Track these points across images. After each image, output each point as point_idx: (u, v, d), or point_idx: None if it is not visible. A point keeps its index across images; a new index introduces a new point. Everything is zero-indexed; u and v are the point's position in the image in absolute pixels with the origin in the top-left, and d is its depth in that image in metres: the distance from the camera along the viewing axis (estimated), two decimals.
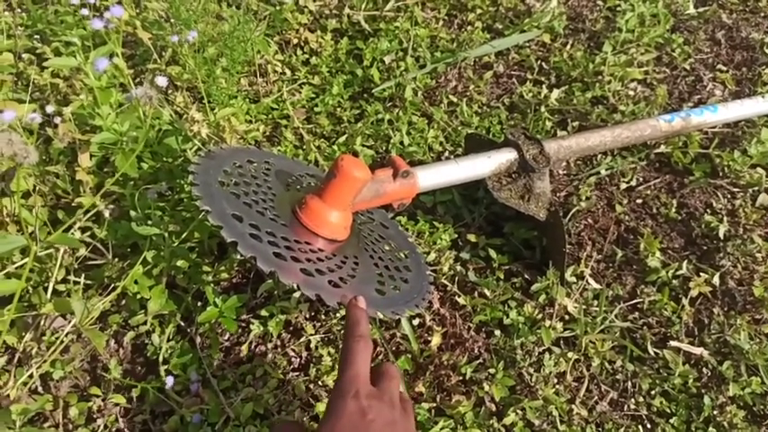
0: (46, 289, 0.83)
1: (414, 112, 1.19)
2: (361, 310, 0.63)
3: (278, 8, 1.29)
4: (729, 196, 1.05)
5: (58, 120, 0.92)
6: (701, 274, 0.94)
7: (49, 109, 0.90)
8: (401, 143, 1.13)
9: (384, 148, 1.13)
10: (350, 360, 0.57)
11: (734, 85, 1.24)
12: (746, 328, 0.87)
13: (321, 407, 0.80)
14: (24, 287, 0.83)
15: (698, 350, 0.86)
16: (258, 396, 0.82)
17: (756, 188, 1.04)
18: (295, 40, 1.31)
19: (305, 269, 0.67)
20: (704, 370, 0.85)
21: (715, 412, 0.81)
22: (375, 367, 0.61)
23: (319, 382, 0.84)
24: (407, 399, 0.61)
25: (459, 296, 0.92)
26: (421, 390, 0.83)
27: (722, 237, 0.97)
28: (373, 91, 1.22)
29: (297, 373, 0.85)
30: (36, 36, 1.22)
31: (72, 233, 0.89)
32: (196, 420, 0.79)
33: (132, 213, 0.85)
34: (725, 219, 1.00)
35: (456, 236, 0.99)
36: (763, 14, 1.40)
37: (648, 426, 0.81)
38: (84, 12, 0.99)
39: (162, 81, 0.84)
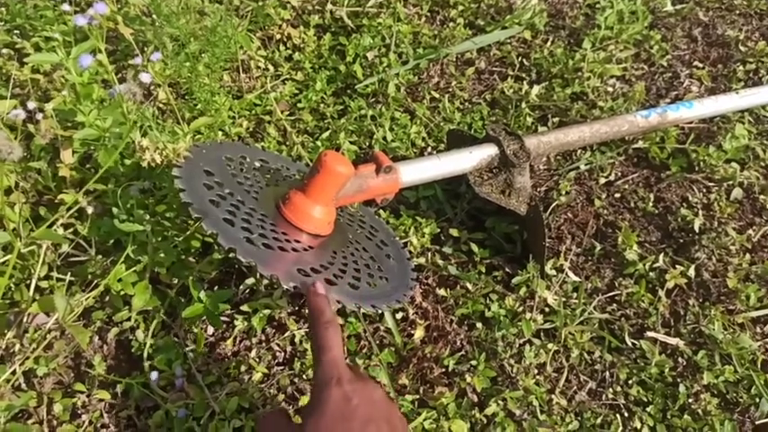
0: (29, 286, 0.83)
1: (396, 107, 1.20)
2: (322, 296, 0.63)
3: (260, 4, 1.29)
4: (705, 190, 1.07)
5: (39, 116, 0.91)
6: (677, 266, 0.96)
7: (30, 105, 0.90)
8: (384, 139, 1.14)
9: (367, 144, 1.14)
10: (324, 347, 0.58)
11: (710, 82, 1.27)
12: (720, 318, 0.89)
13: (306, 400, 0.81)
14: (7, 284, 0.83)
15: (674, 340, 0.89)
16: (243, 390, 0.82)
17: (731, 182, 1.07)
18: (278, 36, 1.31)
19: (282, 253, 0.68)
20: (680, 359, 0.88)
21: (690, 400, 0.83)
22: None
23: (304, 376, 0.85)
24: None
25: (442, 289, 0.94)
26: (404, 382, 0.84)
27: (697, 230, 1.00)
28: (356, 87, 1.22)
29: (281, 367, 0.86)
30: (15, 31, 1.20)
31: (55, 229, 0.89)
32: (181, 415, 0.80)
33: (115, 210, 0.85)
34: (700, 212, 1.02)
35: (439, 230, 1.01)
36: (738, 12, 1.43)
37: (626, 414, 0.83)
38: (66, 7, 0.99)
39: (146, 77, 0.84)
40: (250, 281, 0.90)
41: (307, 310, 0.91)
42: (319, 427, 0.52)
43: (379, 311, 0.78)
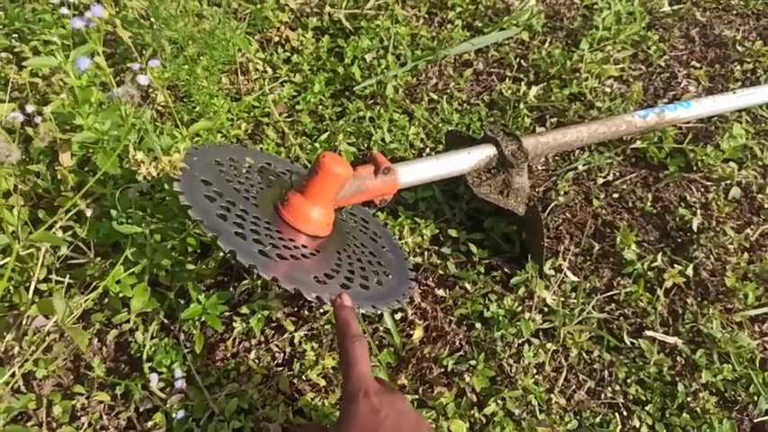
0: (28, 288, 0.82)
1: (395, 109, 1.20)
2: (349, 309, 0.64)
3: (258, 6, 1.29)
4: (703, 190, 1.08)
5: (38, 119, 0.91)
6: (676, 265, 0.96)
7: (29, 108, 0.90)
8: (382, 140, 1.14)
9: (366, 146, 1.15)
10: (351, 361, 0.59)
11: (707, 82, 1.27)
12: (719, 317, 0.90)
13: (305, 401, 0.81)
14: (6, 286, 0.83)
15: (672, 339, 0.89)
16: (242, 391, 0.82)
17: (728, 182, 1.07)
18: (276, 39, 1.32)
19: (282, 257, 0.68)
20: (678, 358, 0.88)
21: (688, 399, 0.83)
22: None
23: (303, 377, 0.85)
24: None
25: (441, 290, 0.94)
26: (403, 382, 0.84)
27: (696, 229, 1.00)
28: (354, 89, 1.23)
29: (281, 369, 0.86)
30: (14, 35, 1.21)
31: (53, 232, 0.89)
32: (181, 416, 0.80)
33: (113, 212, 0.85)
34: (698, 212, 1.03)
35: (437, 231, 1.01)
36: (735, 12, 1.43)
37: (625, 413, 0.83)
38: (64, 10, 0.99)
39: (143, 80, 0.84)
40: (246, 283, 0.90)
41: (305, 310, 0.91)
42: None
43: (379, 312, 0.78)
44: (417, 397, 0.83)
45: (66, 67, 0.92)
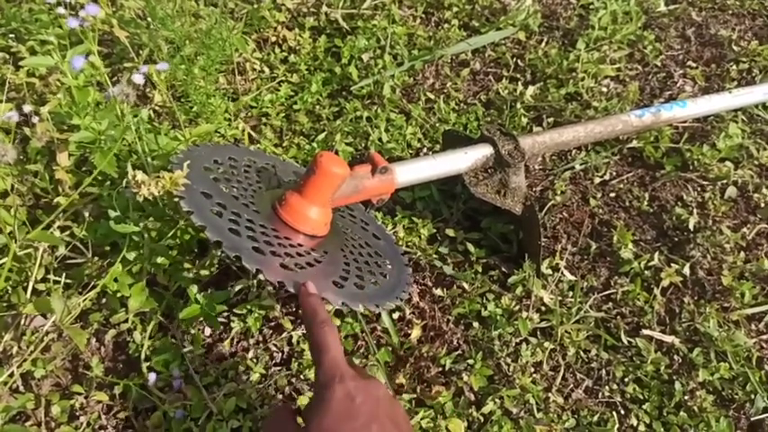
0: (26, 288, 0.83)
1: (392, 109, 1.20)
2: (314, 296, 0.63)
3: (255, 6, 1.29)
4: (699, 189, 1.08)
5: (35, 119, 0.91)
6: (672, 264, 0.97)
7: (26, 108, 0.90)
8: (380, 140, 1.14)
9: (363, 145, 1.15)
10: (323, 347, 0.57)
11: (703, 81, 1.28)
12: (715, 316, 0.90)
13: (304, 400, 0.82)
14: (4, 287, 0.83)
15: (669, 338, 0.89)
16: (241, 391, 0.82)
17: (725, 181, 1.07)
18: (273, 39, 1.32)
19: (285, 265, 0.68)
20: (675, 357, 0.88)
21: (686, 397, 0.83)
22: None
23: (301, 376, 0.85)
24: None
25: (438, 289, 0.94)
26: (402, 381, 0.85)
27: (692, 228, 1.00)
28: (352, 88, 1.23)
29: (279, 368, 0.86)
30: (10, 35, 1.20)
31: (51, 232, 0.89)
32: (179, 416, 0.80)
33: (111, 212, 0.85)
34: (695, 211, 1.03)
35: (435, 231, 1.01)
36: (730, 12, 1.44)
37: (622, 412, 0.84)
38: (60, 10, 0.99)
39: (138, 78, 0.84)
40: (242, 282, 0.90)
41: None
42: (323, 427, 0.52)
43: (377, 311, 0.78)
44: (415, 396, 0.83)
45: (63, 66, 0.91)
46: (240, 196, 0.78)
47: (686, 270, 0.96)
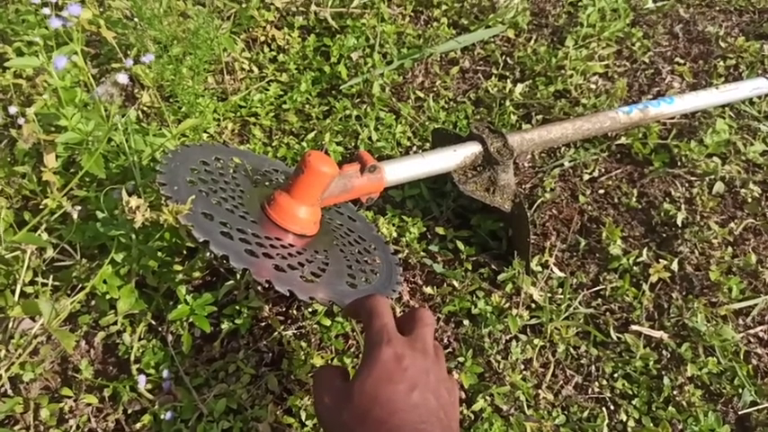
0: (13, 291, 0.82)
1: (381, 107, 1.20)
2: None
3: (243, 6, 1.29)
4: (687, 185, 1.09)
5: (21, 120, 0.91)
6: (661, 260, 0.97)
7: (12, 110, 0.89)
8: (369, 139, 1.14)
9: (353, 144, 1.15)
10: (374, 313, 0.57)
11: (691, 78, 1.28)
12: (703, 311, 0.90)
13: (294, 400, 0.82)
14: None
15: (658, 333, 0.90)
16: (231, 392, 0.82)
17: (712, 177, 1.08)
18: (262, 38, 1.31)
19: (277, 265, 0.68)
20: (664, 352, 0.89)
21: (674, 392, 0.84)
22: (408, 313, 0.61)
23: (292, 376, 0.85)
24: (438, 345, 0.61)
25: (428, 287, 0.94)
26: None
27: (680, 224, 1.01)
28: (341, 87, 1.23)
29: (269, 368, 0.86)
30: None
31: (39, 234, 0.89)
32: (169, 418, 0.80)
33: (99, 214, 0.85)
34: (683, 207, 1.03)
35: (425, 229, 1.01)
36: (718, 8, 1.44)
37: (612, 407, 0.84)
38: (46, 11, 0.98)
39: (123, 78, 0.83)
40: (229, 284, 0.90)
41: (294, 309, 0.91)
42: (365, 386, 0.52)
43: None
44: None
45: (49, 67, 0.91)
46: (230, 198, 0.78)
47: (674, 266, 0.96)
